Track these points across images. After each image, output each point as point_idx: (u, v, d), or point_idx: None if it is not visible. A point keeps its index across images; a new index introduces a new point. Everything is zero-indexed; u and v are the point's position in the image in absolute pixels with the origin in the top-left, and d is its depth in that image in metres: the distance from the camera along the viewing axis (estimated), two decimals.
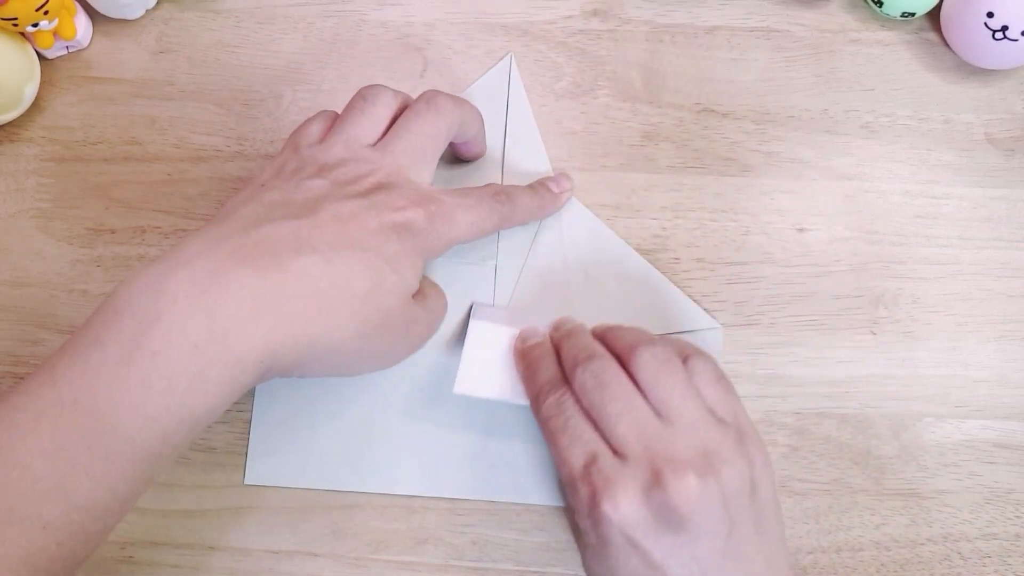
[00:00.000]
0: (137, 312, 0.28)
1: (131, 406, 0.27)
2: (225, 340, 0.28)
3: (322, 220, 0.31)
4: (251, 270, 0.29)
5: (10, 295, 0.42)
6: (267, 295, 0.29)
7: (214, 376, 0.28)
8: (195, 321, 0.28)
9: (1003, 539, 0.39)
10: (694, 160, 0.43)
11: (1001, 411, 0.40)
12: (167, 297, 0.28)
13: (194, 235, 0.30)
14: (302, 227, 0.31)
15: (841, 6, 0.45)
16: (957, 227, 0.42)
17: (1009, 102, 0.44)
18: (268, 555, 0.39)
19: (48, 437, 0.27)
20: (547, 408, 0.33)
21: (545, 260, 0.41)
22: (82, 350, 0.28)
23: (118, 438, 0.27)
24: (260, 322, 0.29)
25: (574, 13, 0.45)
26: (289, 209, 0.31)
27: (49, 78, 0.45)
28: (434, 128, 0.35)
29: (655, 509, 0.30)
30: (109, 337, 0.28)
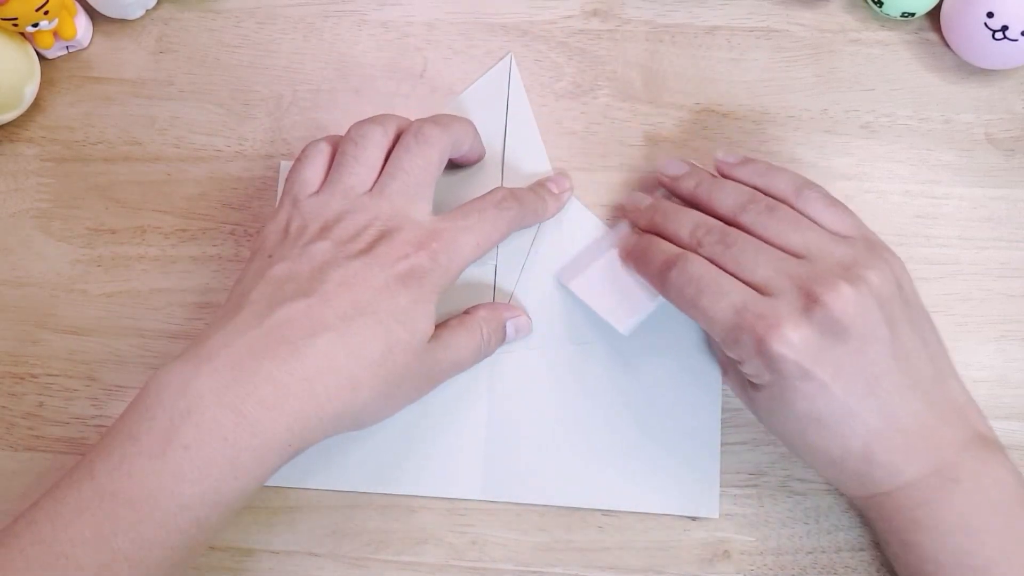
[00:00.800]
0: (168, 408, 0.30)
1: (166, 496, 0.29)
2: (252, 429, 0.30)
3: (330, 292, 0.33)
4: (271, 361, 0.31)
5: (10, 295, 0.42)
6: (288, 382, 0.31)
7: (244, 463, 0.30)
8: (223, 414, 0.30)
9: None
10: (693, 159, 0.43)
11: (1001, 411, 0.40)
12: (194, 393, 0.30)
13: (215, 328, 0.32)
14: (312, 306, 0.32)
15: (841, 6, 0.45)
16: (957, 227, 0.42)
17: (1009, 102, 0.44)
18: (268, 555, 0.39)
19: (89, 527, 0.29)
20: (676, 277, 0.34)
21: (545, 260, 0.41)
22: (118, 445, 0.30)
23: (155, 526, 0.29)
24: (285, 408, 0.31)
25: (574, 13, 0.45)
26: (298, 285, 0.33)
27: (49, 78, 0.45)
28: (425, 161, 0.36)
29: (818, 327, 0.31)
30: (142, 432, 0.30)
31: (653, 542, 0.39)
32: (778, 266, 0.33)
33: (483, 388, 0.40)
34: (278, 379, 0.31)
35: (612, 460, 0.39)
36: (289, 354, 0.31)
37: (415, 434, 0.39)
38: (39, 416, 0.41)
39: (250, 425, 0.30)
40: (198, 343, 0.32)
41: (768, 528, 0.39)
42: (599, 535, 0.39)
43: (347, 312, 0.32)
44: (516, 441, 0.39)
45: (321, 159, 0.37)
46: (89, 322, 0.42)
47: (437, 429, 0.39)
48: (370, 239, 0.34)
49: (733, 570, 0.39)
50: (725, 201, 0.36)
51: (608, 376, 0.40)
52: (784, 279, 0.32)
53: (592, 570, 0.39)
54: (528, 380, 0.40)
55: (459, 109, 0.43)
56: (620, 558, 0.39)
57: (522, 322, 0.40)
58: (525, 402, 0.40)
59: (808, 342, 0.31)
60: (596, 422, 0.40)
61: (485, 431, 0.39)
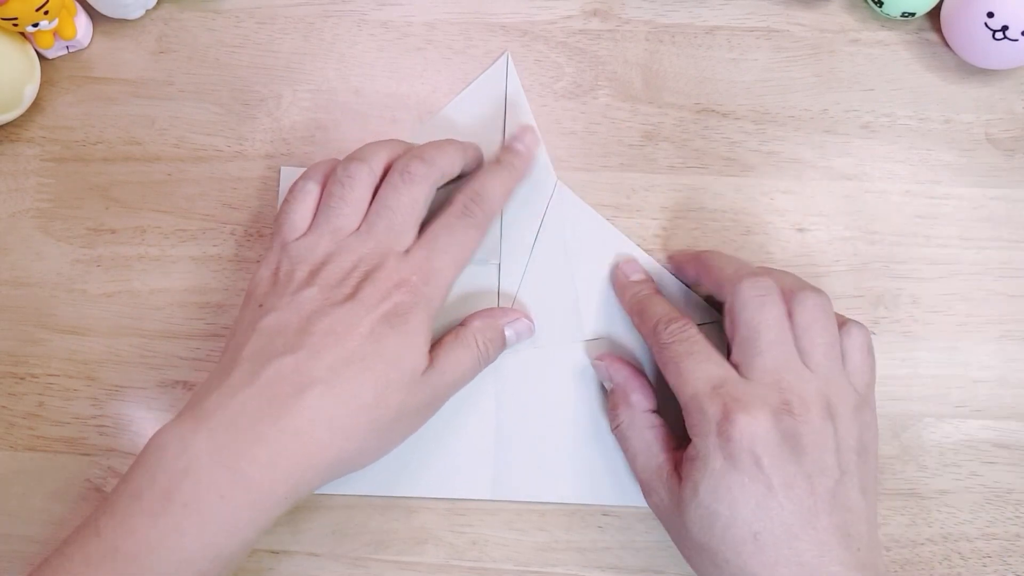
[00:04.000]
0: (167, 468, 0.31)
1: (166, 551, 0.30)
2: (248, 486, 0.31)
3: (318, 343, 0.33)
4: (263, 420, 0.32)
5: (10, 295, 0.42)
6: (281, 439, 0.32)
7: (242, 518, 0.31)
8: (219, 473, 0.31)
9: (1003, 539, 0.39)
10: (694, 160, 0.43)
11: (1001, 411, 0.40)
12: (192, 453, 0.31)
13: (211, 385, 0.33)
14: (301, 360, 0.33)
15: (841, 6, 0.45)
16: (957, 227, 0.42)
17: (1009, 102, 0.44)
18: (268, 555, 0.39)
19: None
20: (669, 334, 0.35)
21: (548, 257, 0.41)
22: (121, 504, 0.31)
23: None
24: (279, 465, 0.32)
25: (574, 13, 0.45)
26: (287, 339, 0.34)
27: (49, 78, 0.45)
28: (411, 198, 0.36)
29: (782, 432, 0.32)
30: (144, 491, 0.31)
31: (653, 542, 0.39)
32: (781, 362, 0.33)
33: (490, 387, 0.40)
34: (270, 437, 0.32)
35: (620, 454, 0.39)
36: (280, 412, 0.32)
37: (424, 437, 0.39)
38: (39, 416, 0.41)
39: (245, 482, 0.31)
40: (196, 401, 0.33)
41: None
42: (599, 535, 0.39)
43: (335, 363, 0.33)
44: (525, 439, 0.39)
45: (309, 200, 0.37)
46: (89, 322, 0.42)
47: (445, 430, 0.39)
48: (355, 282, 0.35)
49: None
50: (787, 279, 0.37)
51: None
52: (772, 376, 0.33)
53: (592, 570, 0.39)
54: (535, 377, 0.40)
55: (457, 110, 0.43)
56: (620, 558, 0.39)
57: (522, 325, 0.40)
58: (533, 399, 0.40)
59: (769, 438, 0.32)
60: (600, 418, 0.40)
61: (493, 430, 0.39)
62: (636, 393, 0.38)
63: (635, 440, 0.37)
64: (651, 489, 0.35)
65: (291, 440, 0.32)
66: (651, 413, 0.37)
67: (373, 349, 0.34)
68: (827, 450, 0.32)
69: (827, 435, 0.32)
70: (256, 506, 0.31)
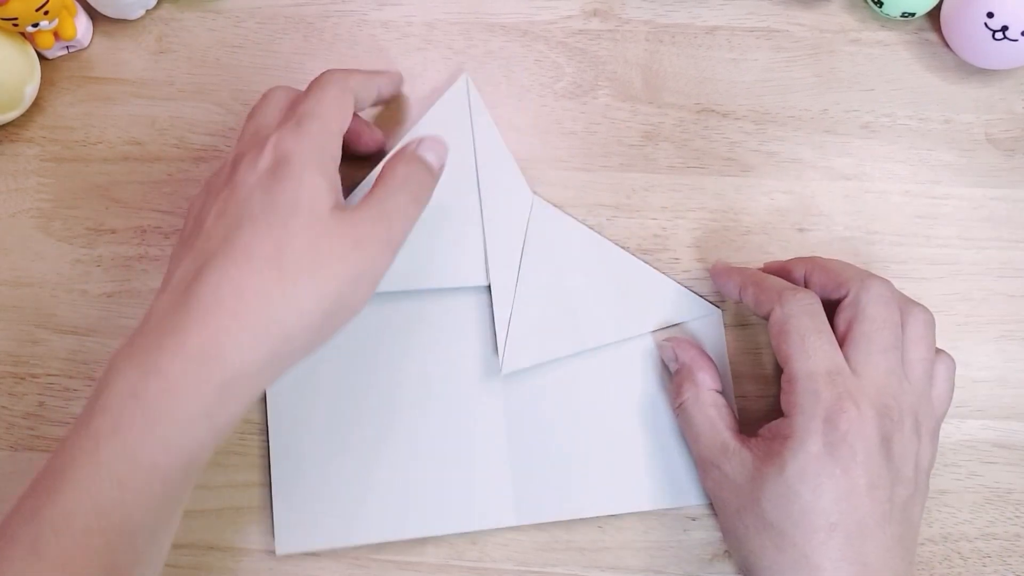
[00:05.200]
0: (100, 387, 0.30)
1: (85, 455, 0.29)
2: (161, 378, 0.30)
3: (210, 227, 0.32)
4: (171, 314, 0.31)
5: (10, 295, 0.42)
6: (187, 322, 0.30)
7: (161, 411, 0.30)
8: (131, 374, 0.30)
9: (1003, 539, 0.39)
10: (694, 160, 0.43)
11: (1001, 411, 0.40)
12: (111, 365, 0.31)
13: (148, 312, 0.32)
14: (196, 250, 0.32)
15: (841, 6, 0.45)
16: (957, 227, 0.42)
17: (1009, 102, 0.44)
18: (268, 555, 0.39)
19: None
20: (797, 302, 0.35)
21: (537, 275, 0.40)
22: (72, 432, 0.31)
23: (81, 492, 0.29)
24: (188, 348, 0.30)
25: (574, 13, 0.45)
26: (187, 246, 0.33)
27: (49, 78, 0.45)
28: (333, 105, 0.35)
29: (881, 435, 0.33)
30: (88, 409, 0.31)
31: (653, 542, 0.39)
32: (889, 367, 0.34)
33: (499, 413, 0.39)
34: (178, 325, 0.30)
35: (637, 461, 0.39)
36: (185, 298, 0.31)
37: (440, 473, 0.39)
38: (39, 416, 0.41)
39: (157, 376, 0.30)
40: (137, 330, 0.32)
41: None
42: (599, 535, 0.39)
43: (227, 233, 0.32)
44: (540, 459, 0.39)
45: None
46: (89, 322, 0.42)
47: (460, 464, 0.39)
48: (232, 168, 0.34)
49: (733, 570, 0.39)
50: (901, 298, 0.36)
51: (617, 380, 0.40)
52: (877, 382, 0.33)
53: (592, 570, 0.39)
54: (540, 396, 0.40)
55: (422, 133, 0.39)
56: (620, 558, 0.39)
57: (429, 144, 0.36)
58: (541, 417, 0.39)
59: (870, 438, 0.32)
60: (613, 425, 0.39)
61: (507, 454, 0.39)
62: (702, 372, 0.38)
63: (699, 417, 0.37)
64: (713, 465, 0.36)
65: (199, 320, 0.30)
66: (716, 392, 0.38)
67: (262, 203, 0.32)
68: (909, 463, 0.33)
69: (912, 449, 0.34)
70: (175, 395, 0.30)
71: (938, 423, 0.36)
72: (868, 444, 0.32)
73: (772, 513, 0.33)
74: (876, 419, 0.33)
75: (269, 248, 0.31)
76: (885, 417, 0.33)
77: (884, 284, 0.36)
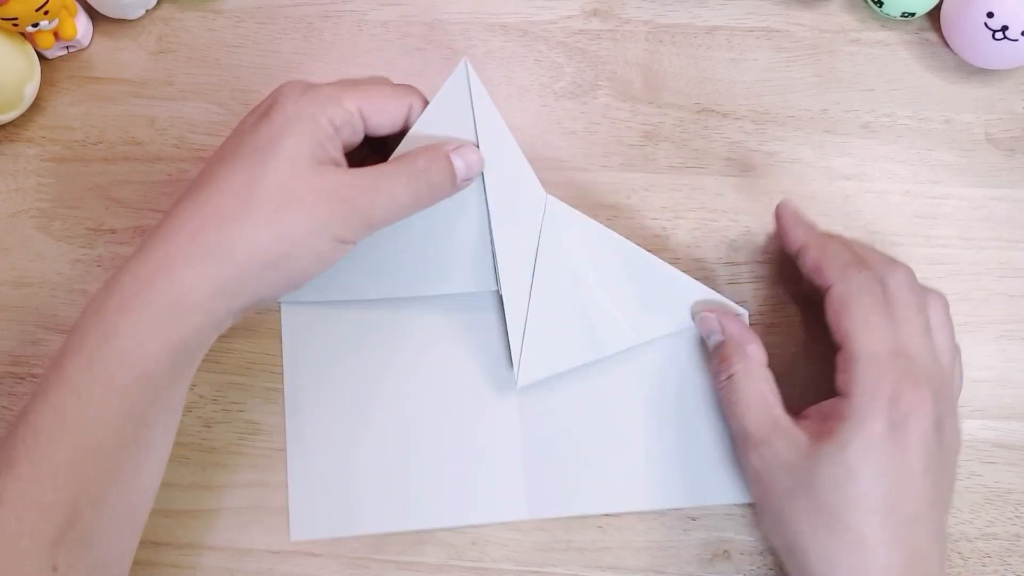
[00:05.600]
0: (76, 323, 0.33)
1: (53, 372, 0.31)
2: (136, 288, 0.32)
3: (208, 169, 0.34)
4: (156, 234, 0.33)
5: (10, 295, 0.42)
6: (160, 236, 0.32)
7: (126, 333, 0.31)
8: (99, 298, 0.32)
9: (1003, 539, 0.39)
10: (694, 160, 0.43)
11: (1001, 411, 0.40)
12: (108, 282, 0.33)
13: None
14: (189, 190, 0.34)
15: (841, 6, 0.45)
16: (957, 227, 0.42)
17: (1009, 102, 0.44)
18: (268, 555, 0.39)
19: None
20: (862, 281, 0.34)
21: (552, 277, 0.38)
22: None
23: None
24: (157, 259, 0.32)
25: (574, 13, 0.45)
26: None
27: (49, 78, 0.45)
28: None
29: (936, 418, 0.32)
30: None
31: (653, 542, 0.39)
32: (939, 353, 0.34)
33: (513, 404, 0.39)
34: (156, 240, 0.32)
35: (649, 459, 0.39)
36: (167, 218, 0.33)
37: (454, 465, 0.39)
38: None
39: (117, 290, 0.32)
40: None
41: None
42: (599, 535, 0.39)
43: (210, 168, 0.34)
44: (553, 454, 0.39)
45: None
46: None
47: (475, 457, 0.39)
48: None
49: (733, 570, 0.39)
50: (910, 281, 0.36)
51: (633, 378, 0.40)
52: (928, 354, 0.33)
53: (592, 570, 0.39)
54: (555, 392, 0.39)
55: (426, 127, 0.38)
56: (620, 558, 0.39)
57: (466, 152, 0.36)
58: (556, 413, 0.39)
59: (929, 423, 0.32)
60: (627, 423, 0.39)
61: (520, 450, 0.39)
62: (753, 345, 0.37)
63: (750, 391, 0.36)
64: (762, 442, 0.35)
65: (161, 241, 0.32)
66: (766, 368, 0.36)
67: (248, 142, 0.33)
68: (954, 445, 0.34)
69: (955, 429, 0.34)
70: (128, 310, 0.31)
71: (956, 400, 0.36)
72: (926, 427, 0.32)
73: (828, 494, 0.32)
74: (933, 402, 0.32)
75: (240, 183, 0.32)
76: (939, 400, 0.32)
77: (907, 270, 0.35)
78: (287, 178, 0.32)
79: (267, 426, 0.40)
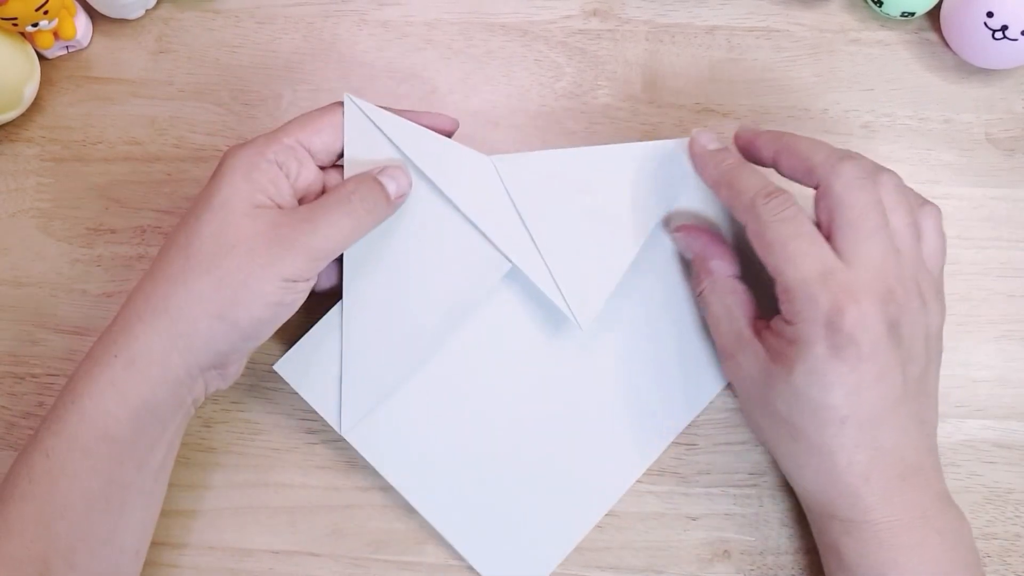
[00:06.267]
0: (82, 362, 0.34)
1: (31, 437, 0.34)
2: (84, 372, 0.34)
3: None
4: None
5: (10, 295, 0.42)
6: (118, 324, 0.34)
7: (86, 393, 0.33)
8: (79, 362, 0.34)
9: (1003, 539, 0.39)
10: None
11: (1001, 411, 0.40)
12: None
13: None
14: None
15: (841, 6, 0.45)
16: (957, 227, 0.42)
17: (1009, 102, 0.44)
18: (268, 555, 0.39)
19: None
20: (770, 210, 0.33)
21: (545, 223, 0.38)
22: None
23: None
24: (112, 347, 0.33)
25: (574, 13, 0.45)
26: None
27: (49, 78, 0.45)
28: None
29: (887, 322, 0.32)
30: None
31: (653, 542, 0.39)
32: (882, 250, 0.33)
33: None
34: (114, 313, 0.35)
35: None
36: (131, 295, 0.34)
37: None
38: (39, 416, 0.41)
39: (86, 355, 0.34)
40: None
41: (768, 528, 0.39)
42: (599, 535, 0.39)
43: (169, 234, 0.35)
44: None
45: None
46: (89, 322, 0.42)
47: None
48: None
49: (733, 570, 0.39)
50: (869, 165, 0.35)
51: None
52: (874, 267, 0.32)
53: (592, 570, 0.39)
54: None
55: (353, 173, 0.37)
56: (620, 558, 0.39)
57: (391, 171, 0.36)
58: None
59: (876, 330, 0.32)
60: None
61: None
62: (716, 260, 0.37)
63: (716, 305, 0.37)
64: (730, 355, 0.36)
65: (124, 305, 0.34)
66: (732, 279, 0.37)
67: (195, 200, 0.35)
68: (919, 337, 0.33)
69: (921, 322, 0.33)
70: (89, 372, 0.33)
71: (939, 280, 0.35)
72: (874, 336, 0.31)
73: (783, 410, 0.33)
74: (879, 309, 0.32)
75: (182, 239, 0.34)
76: (889, 303, 0.32)
77: (854, 163, 0.34)
78: (220, 227, 0.33)
79: (267, 426, 0.40)
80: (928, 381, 0.34)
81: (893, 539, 0.32)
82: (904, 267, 0.33)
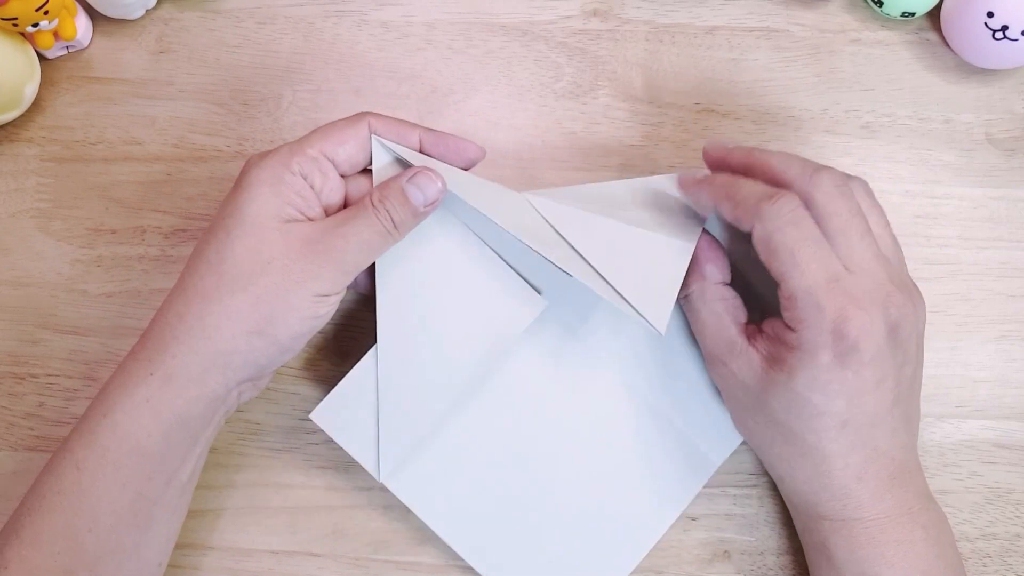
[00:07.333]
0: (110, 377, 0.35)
1: (59, 446, 0.34)
2: (121, 387, 0.34)
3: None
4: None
5: (10, 295, 0.42)
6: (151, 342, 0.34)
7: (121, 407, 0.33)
8: (110, 378, 0.34)
9: (1003, 539, 0.39)
10: (694, 160, 0.43)
11: (1001, 411, 0.40)
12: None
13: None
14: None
15: (841, 6, 0.45)
16: (957, 227, 0.42)
17: (1009, 102, 0.44)
18: (268, 555, 0.39)
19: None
20: (776, 217, 0.32)
21: (592, 240, 0.36)
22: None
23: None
24: (149, 365, 0.33)
25: (574, 13, 0.45)
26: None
27: (49, 78, 0.45)
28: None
29: (888, 328, 0.32)
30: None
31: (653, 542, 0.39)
32: (876, 258, 0.33)
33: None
34: (145, 330, 0.35)
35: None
36: (162, 314, 0.34)
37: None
38: (39, 416, 0.41)
39: (120, 369, 0.34)
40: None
41: (768, 528, 0.39)
42: None
43: (195, 249, 0.35)
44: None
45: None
46: (89, 322, 0.42)
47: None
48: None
49: (733, 570, 0.39)
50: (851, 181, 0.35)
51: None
52: (874, 274, 0.32)
53: None
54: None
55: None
56: None
57: (423, 179, 0.35)
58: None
59: (879, 337, 0.32)
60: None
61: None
62: (710, 264, 0.36)
63: (704, 312, 0.36)
64: (720, 361, 0.35)
65: (155, 322, 0.34)
66: (723, 286, 0.36)
67: (219, 215, 0.34)
68: (914, 339, 0.34)
69: (915, 324, 0.33)
70: (125, 387, 0.33)
71: (905, 270, 0.35)
72: (876, 342, 0.32)
73: (781, 415, 0.33)
74: (882, 315, 0.32)
75: (213, 257, 0.33)
76: (890, 308, 0.32)
77: (830, 172, 0.34)
78: (255, 243, 0.33)
79: (267, 426, 0.40)
80: (917, 380, 0.35)
81: (882, 535, 0.33)
82: (893, 270, 0.33)
